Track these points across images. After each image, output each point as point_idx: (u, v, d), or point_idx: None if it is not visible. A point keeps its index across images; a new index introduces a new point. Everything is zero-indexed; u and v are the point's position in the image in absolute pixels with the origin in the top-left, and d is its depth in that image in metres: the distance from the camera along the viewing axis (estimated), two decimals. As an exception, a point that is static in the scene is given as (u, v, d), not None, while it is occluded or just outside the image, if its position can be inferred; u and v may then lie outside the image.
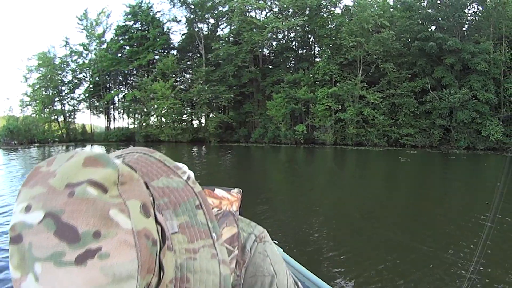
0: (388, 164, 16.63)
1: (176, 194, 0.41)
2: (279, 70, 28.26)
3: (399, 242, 4.87)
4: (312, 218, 6.07)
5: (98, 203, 0.30)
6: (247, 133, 28.07)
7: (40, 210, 0.29)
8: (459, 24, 25.81)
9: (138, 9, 30.43)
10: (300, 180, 11.16)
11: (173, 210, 0.40)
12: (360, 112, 24.45)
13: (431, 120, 24.50)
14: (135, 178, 0.35)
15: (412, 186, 10.58)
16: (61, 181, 0.31)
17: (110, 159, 0.34)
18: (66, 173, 0.31)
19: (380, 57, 24.77)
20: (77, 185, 0.30)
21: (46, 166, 0.33)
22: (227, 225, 0.48)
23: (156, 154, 0.44)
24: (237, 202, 0.51)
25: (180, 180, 0.42)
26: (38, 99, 30.67)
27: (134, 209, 0.32)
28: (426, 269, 3.91)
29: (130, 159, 0.43)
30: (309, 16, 26.47)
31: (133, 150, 0.45)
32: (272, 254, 0.52)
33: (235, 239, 0.48)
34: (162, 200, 0.40)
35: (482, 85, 24.15)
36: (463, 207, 7.36)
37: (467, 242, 4.81)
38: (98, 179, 0.31)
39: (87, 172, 0.31)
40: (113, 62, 30.20)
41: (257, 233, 0.52)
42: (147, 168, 0.42)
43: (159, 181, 0.41)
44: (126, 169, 0.34)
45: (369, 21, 23.67)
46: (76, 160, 0.33)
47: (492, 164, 16.86)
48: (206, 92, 26.99)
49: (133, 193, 0.33)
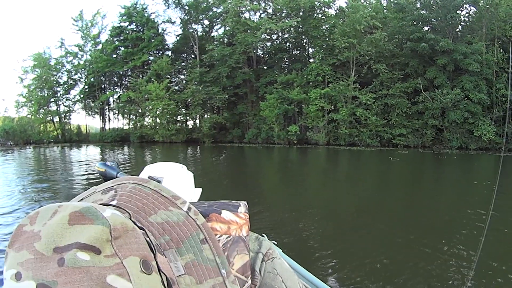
0: (377, 164, 16.82)
1: (178, 229, 0.38)
2: (272, 71, 28.46)
3: (387, 238, 5.01)
4: (305, 217, 6.18)
5: (92, 271, 0.27)
6: (240, 133, 28.25)
7: (31, 280, 0.27)
8: (452, 25, 26.05)
9: (133, 10, 30.61)
10: (292, 179, 11.31)
11: (177, 249, 0.37)
12: (352, 112, 24.62)
13: (423, 120, 24.68)
14: (129, 229, 0.31)
15: (399, 184, 10.80)
16: (47, 245, 0.28)
17: (98, 213, 0.30)
18: (52, 235, 0.28)
19: (372, 58, 24.97)
20: (65, 249, 0.28)
21: (30, 224, 0.30)
22: (238, 253, 0.44)
23: (151, 184, 0.41)
24: (246, 225, 0.48)
25: (180, 212, 0.39)
26: (33, 100, 30.75)
27: (134, 269, 0.29)
28: (418, 263, 3.98)
29: (122, 192, 0.39)
30: (302, 17, 26.72)
31: (125, 181, 0.42)
32: (282, 270, 0.50)
33: (247, 267, 0.44)
34: (163, 238, 0.36)
35: (474, 85, 24.36)
36: (445, 203, 7.56)
37: (456, 237, 5.00)
38: (87, 241, 0.28)
39: (74, 232, 0.28)
40: (108, 63, 30.36)
41: (264, 250, 0.50)
42: (142, 201, 0.39)
43: (157, 215, 0.38)
44: (119, 221, 0.31)
45: (361, 22, 23.90)
46: (60, 217, 0.30)
47: (480, 163, 17.09)
48: (200, 93, 27.18)
49: (130, 248, 0.30)
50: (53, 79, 31.10)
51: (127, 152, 23.16)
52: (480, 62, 24.34)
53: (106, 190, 0.41)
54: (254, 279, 0.46)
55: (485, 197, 8.23)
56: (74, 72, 32.05)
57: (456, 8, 25.71)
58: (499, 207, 5.75)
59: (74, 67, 31.87)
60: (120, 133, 31.68)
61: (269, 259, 0.50)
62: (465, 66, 24.16)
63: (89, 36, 31.24)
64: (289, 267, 0.52)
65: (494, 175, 13.45)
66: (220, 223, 0.45)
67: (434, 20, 26.68)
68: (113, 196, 0.39)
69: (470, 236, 4.97)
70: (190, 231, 0.38)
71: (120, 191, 0.39)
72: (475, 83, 24.35)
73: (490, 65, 24.76)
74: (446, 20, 25.68)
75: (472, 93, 24.02)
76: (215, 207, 0.47)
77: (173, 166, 0.79)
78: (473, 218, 5.96)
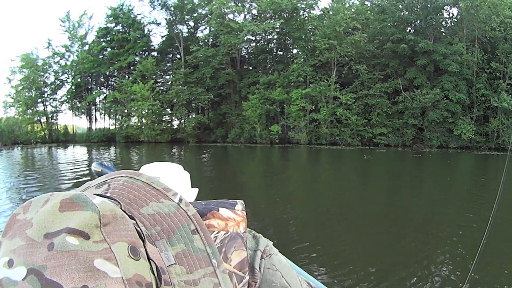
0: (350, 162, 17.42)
1: (169, 220, 0.38)
2: (256, 71, 28.89)
3: (356, 230, 5.31)
4: (284, 212, 6.41)
5: (80, 254, 0.27)
6: (224, 133, 28.62)
7: (22, 266, 0.27)
8: (433, 26, 26.65)
9: (120, 12, 31.19)
10: (273, 177, 11.67)
11: (168, 239, 0.37)
12: (333, 112, 25.02)
13: (403, 120, 25.10)
14: (118, 216, 0.32)
15: (368, 181, 11.22)
16: (38, 231, 0.29)
17: (88, 200, 0.31)
18: (43, 222, 0.29)
19: (353, 59, 25.51)
20: (55, 234, 0.28)
21: (23, 213, 0.31)
22: (236, 249, 0.44)
23: (143, 177, 0.42)
24: (243, 222, 0.48)
25: (171, 204, 0.40)
26: (21, 101, 31.01)
27: (122, 254, 0.30)
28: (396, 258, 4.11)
29: (115, 185, 0.40)
30: (285, 19, 27.29)
31: (119, 174, 0.43)
32: (280, 266, 0.51)
33: (245, 263, 0.45)
34: (154, 229, 0.37)
35: (453, 85, 24.88)
36: (402, 198, 7.99)
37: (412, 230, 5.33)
38: (77, 226, 0.29)
39: (64, 218, 0.29)
40: (95, 64, 30.79)
41: (262, 247, 0.51)
42: (134, 193, 0.40)
43: (149, 207, 0.39)
44: (108, 208, 0.31)
45: (341, 24, 24.54)
46: (51, 205, 0.30)
47: (454, 161, 17.46)
48: (184, 93, 27.63)
49: (118, 235, 0.31)
50: (40, 80, 31.46)
51: (114, 152, 23.61)
52: (460, 63, 24.87)
53: (99, 184, 0.41)
54: (255, 277, 0.47)
55: (453, 192, 8.72)
56: (61, 72, 32.48)
57: (437, 10, 26.34)
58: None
59: (61, 67, 32.31)
60: (106, 133, 32.02)
61: (268, 256, 0.50)
62: (444, 67, 24.65)
63: (76, 37, 31.73)
64: (287, 262, 0.54)
65: (469, 171, 14.02)
66: (218, 220, 0.46)
67: (415, 22, 27.35)
68: (106, 190, 0.40)
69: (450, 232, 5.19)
70: (181, 222, 0.38)
71: (113, 185, 0.40)
72: (455, 83, 24.86)
73: (470, 65, 25.29)
74: (426, 21, 26.34)
75: (452, 93, 24.55)
76: (212, 205, 0.48)
77: (170, 166, 0.81)
78: (441, 212, 6.26)
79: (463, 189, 9.49)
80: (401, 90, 25.41)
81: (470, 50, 25.76)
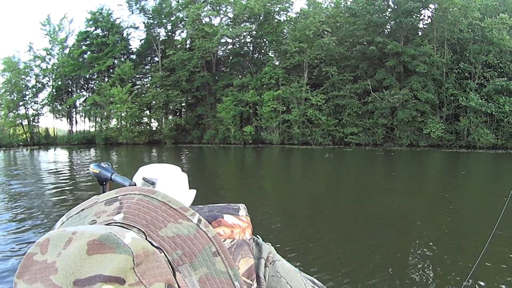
0: (310, 160, 18.48)
1: (190, 243, 0.37)
2: (231, 74, 29.70)
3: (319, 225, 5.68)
4: (258, 209, 6.73)
5: None
6: (200, 134, 29.35)
7: None
8: (403, 29, 27.78)
9: (99, 16, 32.19)
10: (245, 175, 12.30)
11: (190, 263, 0.36)
12: (304, 113, 25.84)
13: (373, 120, 25.82)
14: (150, 253, 0.30)
15: (325, 178, 11.90)
16: (66, 278, 0.26)
17: (119, 240, 0.28)
18: (70, 267, 0.26)
19: (323, 61, 26.60)
20: (87, 282, 0.26)
21: (41, 253, 0.28)
22: (243, 256, 0.44)
23: (158, 195, 0.40)
24: (249, 228, 0.48)
25: (190, 225, 0.38)
26: (3, 104, 31.70)
27: None
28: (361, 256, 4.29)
29: (129, 204, 0.38)
30: (260, 22, 28.42)
31: (130, 191, 0.40)
32: (284, 272, 0.50)
33: (252, 271, 0.44)
34: (175, 253, 0.36)
35: (422, 85, 25.74)
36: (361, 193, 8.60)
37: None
38: (112, 273, 0.26)
39: (95, 263, 0.27)
40: (75, 67, 31.52)
41: (265, 255, 0.50)
42: (151, 214, 0.37)
43: (167, 229, 0.37)
44: (140, 246, 0.29)
45: (311, 27, 25.73)
46: (77, 247, 0.27)
47: (417, 159, 18.05)
48: (161, 96, 28.73)
49: (153, 274, 0.29)
50: (22, 83, 32.09)
51: (94, 154, 24.50)
52: (429, 64, 25.81)
53: (109, 201, 0.39)
54: (260, 285, 0.47)
55: (417, 189, 9.22)
56: (42, 75, 33.16)
57: (407, 13, 27.45)
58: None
59: (42, 70, 33.07)
60: (86, 135, 32.65)
61: (271, 263, 0.50)
62: (413, 68, 25.41)
63: (57, 40, 32.53)
64: (290, 267, 0.53)
65: (436, 168, 14.74)
66: (224, 227, 0.45)
67: (386, 25, 28.54)
68: (118, 209, 0.38)
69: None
70: (202, 244, 0.37)
71: (126, 203, 0.38)
72: (423, 83, 25.70)
73: (439, 66, 26.24)
74: (396, 24, 27.48)
75: (420, 93, 25.40)
76: (216, 212, 0.47)
77: (168, 167, 0.82)
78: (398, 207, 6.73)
79: (426, 186, 9.93)
80: (371, 90, 26.40)
81: (439, 51, 26.66)
